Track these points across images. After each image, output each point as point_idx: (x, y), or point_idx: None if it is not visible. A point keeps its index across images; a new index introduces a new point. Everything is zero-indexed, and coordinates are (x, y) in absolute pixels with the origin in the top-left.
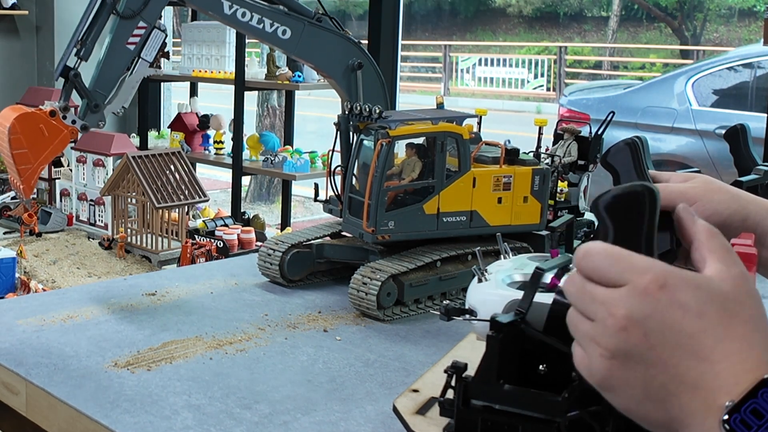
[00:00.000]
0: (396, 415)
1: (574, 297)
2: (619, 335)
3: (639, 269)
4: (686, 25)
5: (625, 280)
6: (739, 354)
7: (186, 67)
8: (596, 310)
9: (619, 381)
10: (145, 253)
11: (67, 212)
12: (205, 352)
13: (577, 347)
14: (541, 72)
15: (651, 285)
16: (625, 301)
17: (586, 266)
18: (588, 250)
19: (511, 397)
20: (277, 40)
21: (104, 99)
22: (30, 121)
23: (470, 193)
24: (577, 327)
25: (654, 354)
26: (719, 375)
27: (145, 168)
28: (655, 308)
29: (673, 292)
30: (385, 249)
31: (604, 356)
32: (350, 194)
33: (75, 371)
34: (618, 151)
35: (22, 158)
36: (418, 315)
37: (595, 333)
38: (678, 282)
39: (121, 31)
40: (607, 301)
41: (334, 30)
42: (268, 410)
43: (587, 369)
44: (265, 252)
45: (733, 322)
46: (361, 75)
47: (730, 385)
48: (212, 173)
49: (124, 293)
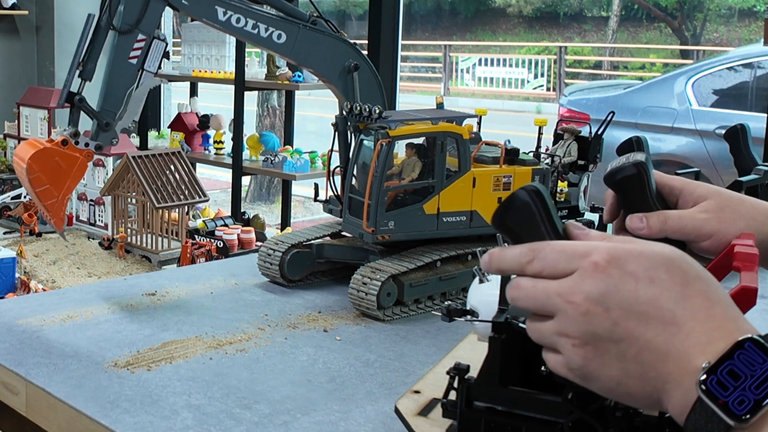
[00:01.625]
0: (398, 416)
1: (527, 299)
2: (584, 319)
3: (584, 251)
4: (686, 25)
5: (574, 266)
6: (704, 311)
7: (186, 67)
8: (554, 304)
9: (596, 365)
10: (145, 253)
11: (67, 212)
12: (205, 352)
13: (549, 352)
14: (541, 72)
15: (600, 262)
16: (580, 285)
17: (535, 266)
18: (534, 249)
19: (514, 398)
20: (272, 44)
21: (114, 116)
22: (44, 157)
23: (470, 193)
24: (540, 330)
25: (620, 329)
26: (689, 335)
27: (145, 168)
28: (608, 283)
29: (621, 264)
30: (385, 249)
31: (576, 345)
32: (350, 194)
33: (75, 371)
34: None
35: (46, 194)
36: (418, 315)
37: (560, 326)
38: (623, 254)
39: (122, 46)
40: (562, 291)
41: (329, 32)
42: (268, 410)
43: (565, 366)
44: (265, 252)
45: (686, 281)
46: (357, 76)
47: (702, 344)
48: (212, 173)
49: (124, 293)
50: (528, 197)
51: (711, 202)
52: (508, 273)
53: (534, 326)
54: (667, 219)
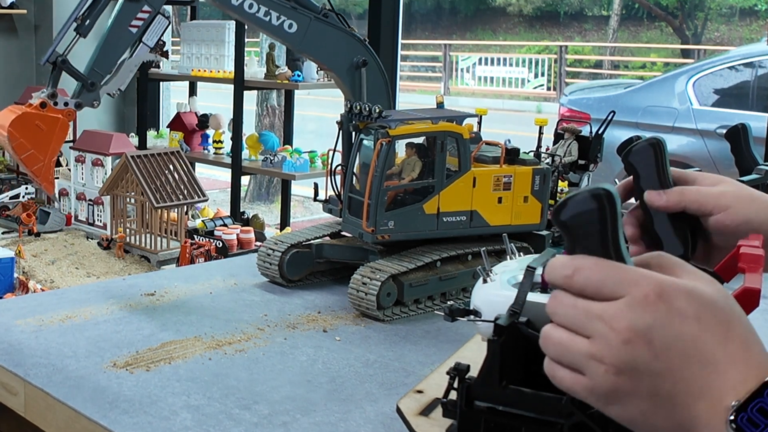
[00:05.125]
0: (399, 415)
1: (565, 316)
2: (624, 348)
3: (633, 280)
4: (687, 25)
5: (622, 293)
6: (741, 354)
7: (185, 67)
8: (594, 327)
9: (624, 395)
10: (143, 253)
11: (66, 212)
12: (204, 353)
13: (563, 369)
14: (542, 71)
15: (649, 295)
16: (626, 313)
17: (578, 282)
18: (578, 265)
19: (514, 398)
20: (283, 33)
21: (101, 79)
22: (24, 122)
23: (470, 193)
24: (568, 348)
25: (660, 364)
26: (726, 376)
27: (144, 168)
28: (656, 317)
29: (671, 300)
30: (384, 249)
31: (610, 372)
32: (350, 194)
33: (73, 372)
34: (641, 151)
35: (31, 160)
36: (418, 315)
37: (597, 350)
38: (673, 290)
39: (125, 12)
40: (605, 316)
41: (340, 26)
42: (268, 411)
43: (588, 389)
44: (264, 252)
45: (729, 324)
46: (365, 73)
47: (736, 385)
48: (211, 173)
49: (122, 293)
50: (596, 200)
51: (727, 185)
52: (553, 284)
53: (563, 341)
54: (684, 191)
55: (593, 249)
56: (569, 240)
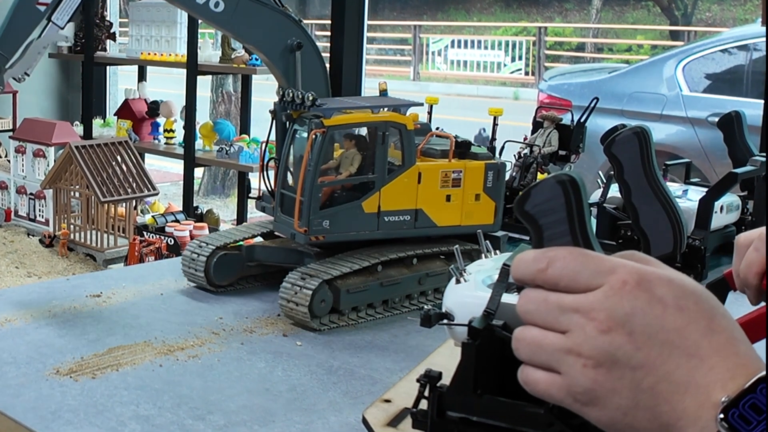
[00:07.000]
0: (365, 426)
1: (537, 312)
2: (603, 339)
3: (610, 268)
4: (676, 4)
5: (599, 282)
6: (728, 347)
7: (134, 50)
8: (570, 320)
9: (604, 392)
10: (89, 251)
11: (5, 207)
12: (154, 359)
13: (537, 371)
14: (519, 55)
15: (629, 282)
16: (603, 302)
17: (552, 275)
18: (551, 257)
19: (489, 408)
20: (208, 13)
21: (6, 62)
22: None
23: (415, 190)
24: (542, 344)
25: (641, 355)
26: (712, 370)
27: (90, 159)
28: (636, 305)
29: (651, 288)
30: (320, 251)
31: (588, 366)
32: (282, 190)
33: (13, 379)
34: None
35: None
36: (385, 318)
37: (573, 343)
38: (653, 278)
39: None
40: (582, 307)
41: (272, 5)
42: (223, 421)
43: (565, 389)
44: (188, 255)
45: (712, 314)
46: (300, 56)
47: (724, 380)
48: (162, 164)
49: (66, 295)
50: (561, 186)
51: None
52: (523, 282)
53: (536, 338)
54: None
55: (561, 239)
56: (535, 232)
